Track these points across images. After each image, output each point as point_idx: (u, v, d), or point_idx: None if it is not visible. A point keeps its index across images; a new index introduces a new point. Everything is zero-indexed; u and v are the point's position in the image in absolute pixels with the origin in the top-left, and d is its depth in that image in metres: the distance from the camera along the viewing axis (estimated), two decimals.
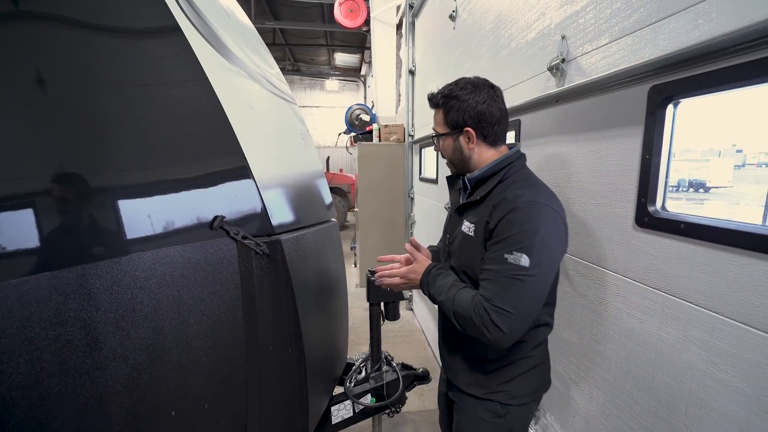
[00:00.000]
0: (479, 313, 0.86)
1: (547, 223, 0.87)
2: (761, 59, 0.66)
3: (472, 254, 0.98)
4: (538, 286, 0.87)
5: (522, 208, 0.87)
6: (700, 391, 0.79)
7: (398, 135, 4.32)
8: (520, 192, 0.90)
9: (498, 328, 0.84)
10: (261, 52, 1.44)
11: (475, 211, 0.99)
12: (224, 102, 0.99)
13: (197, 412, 0.92)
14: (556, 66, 1.24)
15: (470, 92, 0.96)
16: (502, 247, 0.87)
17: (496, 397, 1.03)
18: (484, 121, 0.96)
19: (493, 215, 0.91)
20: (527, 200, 0.88)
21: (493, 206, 0.92)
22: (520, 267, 0.84)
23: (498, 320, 0.84)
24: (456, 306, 0.92)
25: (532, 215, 0.86)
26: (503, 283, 0.85)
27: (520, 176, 0.98)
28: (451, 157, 1.05)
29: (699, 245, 0.78)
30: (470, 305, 0.88)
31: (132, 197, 0.79)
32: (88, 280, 0.71)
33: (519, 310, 0.84)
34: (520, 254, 0.84)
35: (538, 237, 0.84)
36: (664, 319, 0.87)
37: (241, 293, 1.00)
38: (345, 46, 10.74)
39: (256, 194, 1.04)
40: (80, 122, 0.73)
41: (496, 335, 0.84)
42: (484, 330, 0.85)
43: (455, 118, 0.98)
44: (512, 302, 0.84)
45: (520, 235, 0.85)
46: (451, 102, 0.98)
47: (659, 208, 0.89)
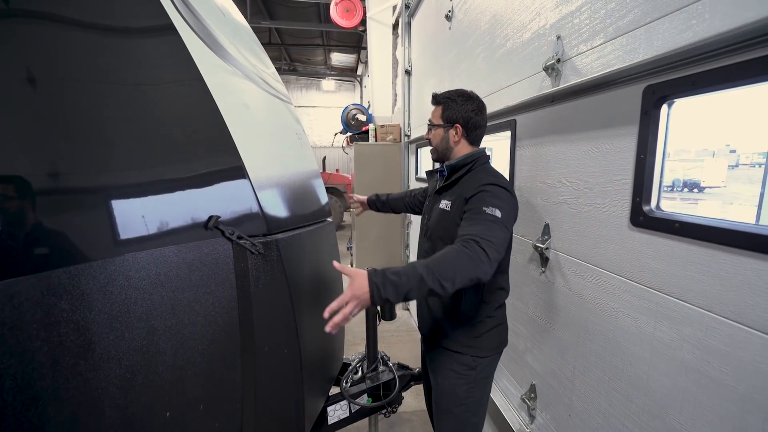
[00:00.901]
0: (472, 248, 0.98)
1: (505, 195, 1.14)
2: (754, 59, 0.66)
3: (448, 224, 1.23)
4: (505, 234, 1.07)
5: (488, 188, 1.14)
6: (695, 389, 0.79)
7: (395, 135, 4.32)
8: (485, 177, 1.18)
9: (487, 255, 0.98)
10: (257, 52, 1.43)
11: (451, 192, 1.27)
12: (219, 101, 0.99)
13: (192, 413, 0.91)
14: (551, 66, 1.25)
15: (465, 100, 1.25)
16: (480, 205, 1.09)
17: (467, 351, 1.27)
18: (471, 124, 1.25)
19: (466, 192, 1.17)
20: (490, 182, 1.16)
21: (464, 187, 1.20)
22: (496, 216, 1.07)
23: (488, 249, 0.99)
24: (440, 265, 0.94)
25: (497, 190, 1.14)
26: (485, 224, 1.05)
27: (485, 168, 1.26)
28: (438, 144, 1.32)
29: (693, 244, 0.78)
30: (455, 250, 0.98)
31: (126, 197, 0.79)
32: (81, 281, 0.70)
33: (497, 244, 1.01)
34: (494, 209, 1.07)
35: (503, 203, 1.10)
36: (659, 318, 0.87)
37: (236, 293, 0.99)
38: (341, 46, 10.72)
39: (251, 194, 1.03)
40: (73, 122, 0.72)
41: (486, 262, 0.97)
42: (477, 261, 0.96)
43: (450, 115, 1.26)
44: (493, 236, 1.02)
45: (491, 199, 1.10)
46: (450, 102, 1.27)
47: (654, 207, 0.89)
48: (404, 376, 1.64)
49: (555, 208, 1.31)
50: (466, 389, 1.28)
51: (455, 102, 1.25)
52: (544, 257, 1.38)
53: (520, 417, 1.63)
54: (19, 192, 0.64)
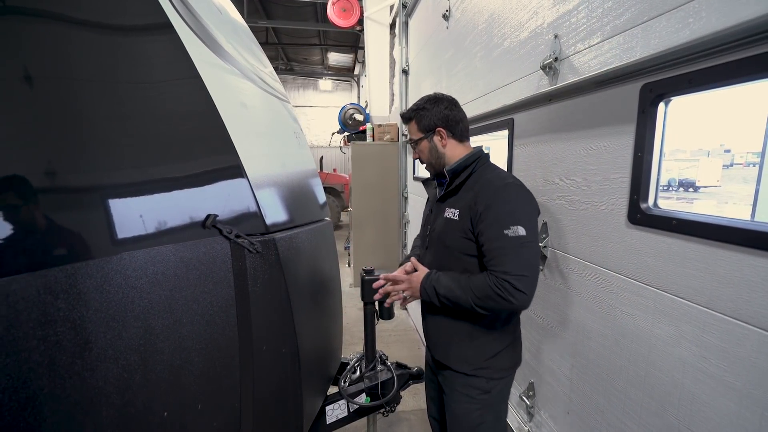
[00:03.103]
0: (502, 287, 0.98)
1: (521, 196, 1.06)
2: (750, 57, 0.67)
3: (455, 234, 1.14)
4: (535, 249, 1.03)
5: (499, 191, 1.05)
6: (692, 385, 0.80)
7: (392, 134, 4.32)
8: (495, 179, 1.10)
9: (522, 292, 0.96)
10: (254, 51, 1.43)
11: (456, 198, 1.18)
12: (217, 100, 0.98)
13: (190, 412, 0.91)
14: (548, 65, 1.25)
15: (434, 103, 1.20)
16: (498, 226, 1.01)
17: (481, 373, 1.17)
18: (451, 121, 1.19)
19: (479, 200, 1.07)
20: (502, 183, 1.07)
21: (475, 192, 1.09)
22: (521, 237, 0.99)
23: (520, 285, 0.97)
24: (473, 292, 1.04)
25: (510, 194, 1.05)
26: (513, 254, 0.99)
27: (487, 167, 1.18)
28: (429, 157, 1.24)
29: (690, 241, 0.78)
30: (487, 284, 1.00)
31: (123, 196, 0.78)
32: (78, 280, 0.70)
33: (531, 270, 0.99)
34: (516, 227, 0.99)
35: (522, 210, 1.03)
36: (657, 315, 0.87)
37: (234, 292, 0.99)
38: (338, 45, 10.71)
39: (249, 193, 1.03)
40: (69, 120, 0.72)
41: (521, 298, 0.97)
42: (510, 299, 0.97)
43: (426, 123, 1.20)
44: (525, 266, 0.98)
45: (510, 212, 1.02)
46: (421, 113, 1.21)
47: (651, 204, 0.90)
48: (402, 375, 1.63)
49: (553, 206, 1.31)
50: (479, 414, 1.19)
51: (425, 110, 1.20)
52: (542, 255, 1.38)
53: (519, 415, 1.64)
54: (15, 190, 0.64)
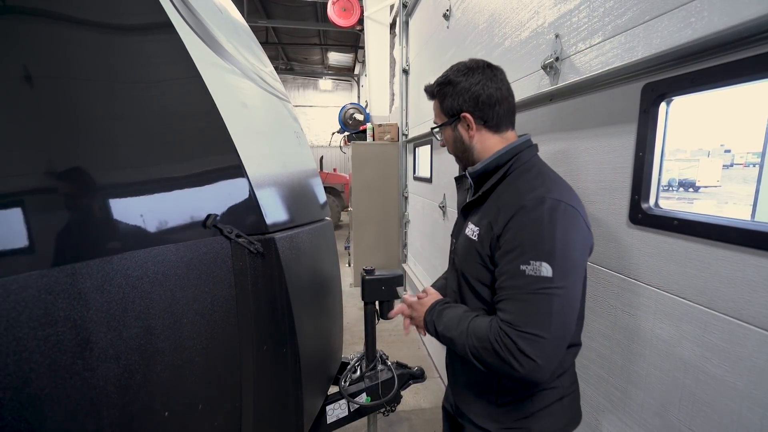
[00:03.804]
0: (502, 343, 0.71)
1: (564, 222, 0.73)
2: (753, 57, 0.67)
3: (472, 258, 0.86)
4: (567, 300, 0.71)
5: (531, 207, 0.74)
6: (693, 386, 0.79)
7: (392, 134, 4.32)
8: (528, 187, 0.78)
9: (529, 358, 0.68)
10: (254, 50, 1.43)
11: (480, 210, 0.88)
12: (217, 100, 0.98)
13: (191, 412, 0.91)
14: (549, 64, 1.25)
15: (464, 75, 0.89)
16: (516, 257, 0.73)
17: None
18: (482, 104, 0.87)
19: (499, 218, 0.78)
20: (537, 196, 0.75)
21: (498, 206, 0.81)
22: (543, 279, 0.70)
23: (527, 348, 0.68)
24: (471, 339, 0.78)
25: (545, 214, 0.72)
26: (525, 302, 0.70)
27: (527, 168, 0.85)
28: (454, 149, 0.96)
29: (692, 241, 0.78)
30: (488, 334, 0.74)
31: (124, 195, 0.78)
32: (78, 279, 0.70)
33: (551, 331, 0.69)
34: (539, 263, 0.70)
35: (557, 240, 0.71)
36: (658, 315, 0.87)
37: (234, 292, 0.99)
38: (338, 45, 10.70)
39: (249, 192, 1.03)
40: (69, 119, 0.72)
41: (528, 367, 0.69)
42: (512, 362, 0.70)
43: (450, 105, 0.90)
44: (541, 323, 0.69)
45: (535, 239, 0.71)
46: (445, 89, 0.91)
47: (653, 204, 0.89)
48: (403, 375, 1.64)
49: None
50: None
51: (452, 85, 0.90)
52: None
53: None
54: (16, 190, 0.64)
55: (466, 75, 0.89)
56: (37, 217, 0.66)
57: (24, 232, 0.64)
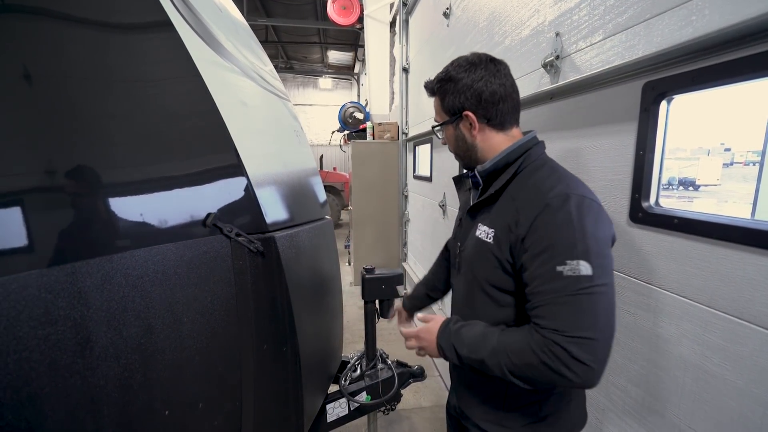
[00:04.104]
0: (551, 353, 0.66)
1: (592, 217, 0.71)
2: (754, 55, 0.66)
3: (487, 262, 0.82)
4: (609, 296, 0.68)
5: (557, 205, 0.71)
6: (694, 384, 0.80)
7: (392, 133, 4.31)
8: (547, 184, 0.75)
9: (583, 363, 0.64)
10: (254, 49, 1.42)
11: (492, 211, 0.84)
12: (217, 98, 0.98)
13: (191, 411, 0.91)
14: (550, 63, 1.25)
15: (465, 70, 0.85)
16: (549, 258, 0.69)
17: None
18: (485, 101, 0.83)
19: (521, 219, 0.75)
20: (560, 193, 0.72)
21: (516, 206, 0.77)
22: (584, 278, 0.66)
23: (580, 353, 0.64)
24: (505, 356, 0.72)
25: (573, 212, 0.70)
26: (569, 305, 0.66)
27: (539, 165, 0.82)
28: (456, 148, 0.93)
29: (692, 240, 0.78)
30: (531, 347, 0.69)
31: (123, 194, 0.78)
32: (78, 279, 0.70)
33: (600, 331, 0.66)
34: (576, 262, 0.67)
35: (589, 236, 0.68)
36: (658, 313, 0.87)
37: (234, 291, 0.99)
38: (338, 43, 10.69)
39: (249, 191, 1.03)
40: (69, 119, 0.71)
41: (583, 374, 0.65)
42: (564, 372, 0.66)
43: (452, 103, 0.87)
44: (590, 325, 0.65)
45: (569, 239, 0.68)
46: (446, 85, 0.87)
47: (653, 203, 0.89)
48: (403, 373, 1.64)
49: None
50: None
51: (453, 81, 0.86)
52: None
53: None
54: (15, 189, 0.63)
55: (468, 71, 0.85)
56: (37, 216, 0.65)
57: (24, 231, 0.64)
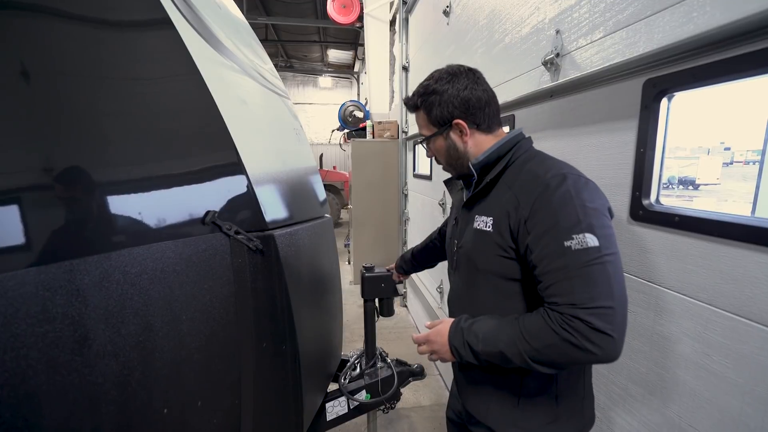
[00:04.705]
0: (572, 329, 0.66)
1: (590, 192, 0.74)
2: (755, 52, 0.66)
3: (489, 251, 0.83)
4: (618, 264, 0.70)
5: (555, 185, 0.74)
6: (694, 382, 0.79)
7: (392, 132, 4.31)
8: (541, 169, 0.78)
9: (605, 334, 0.65)
10: (254, 47, 1.42)
11: (488, 201, 0.87)
12: (216, 96, 0.97)
13: (190, 409, 0.90)
14: (550, 61, 1.24)
15: (448, 82, 0.88)
16: (555, 235, 0.71)
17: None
18: (472, 107, 0.87)
19: (521, 203, 0.77)
20: (556, 174, 0.75)
21: (513, 193, 0.80)
22: (591, 249, 0.68)
23: (601, 324, 0.65)
24: (525, 343, 0.72)
25: (570, 188, 0.73)
26: (582, 277, 0.67)
27: (530, 156, 0.85)
28: (447, 158, 0.95)
29: (693, 238, 0.78)
30: (550, 326, 0.69)
31: (121, 192, 0.78)
32: (76, 276, 0.69)
33: (617, 299, 0.66)
34: (582, 235, 0.68)
35: (590, 210, 0.70)
36: (659, 311, 0.87)
37: (234, 289, 0.98)
38: (338, 42, 10.68)
39: (248, 189, 1.02)
40: (67, 116, 0.71)
41: (606, 345, 0.65)
42: (587, 346, 0.65)
43: (440, 114, 0.89)
44: (606, 294, 0.66)
45: (571, 214, 0.70)
46: (430, 98, 0.90)
47: (653, 201, 0.89)
48: (403, 372, 1.63)
49: None
50: None
51: (437, 94, 0.89)
52: None
53: None
54: (12, 186, 0.63)
55: (450, 82, 0.88)
56: (34, 213, 0.65)
57: (21, 229, 0.63)
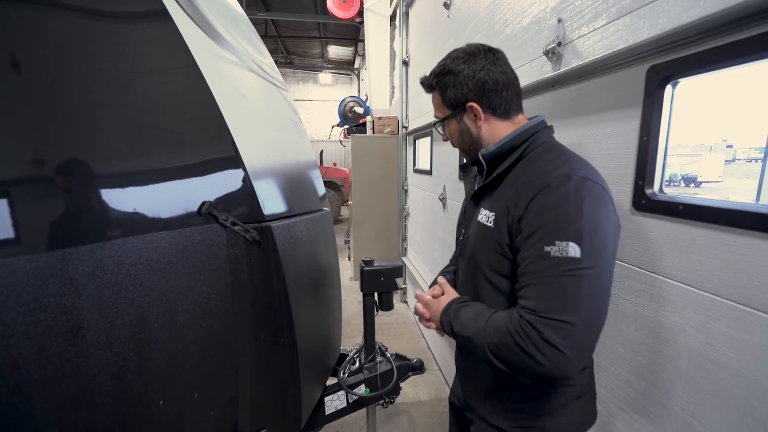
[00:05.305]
0: (524, 333, 0.64)
1: (591, 199, 0.67)
2: (763, 34, 0.64)
3: (487, 247, 0.80)
4: (599, 282, 0.65)
5: (556, 185, 0.68)
6: (698, 374, 0.78)
7: (392, 127, 4.29)
8: (550, 166, 0.73)
9: (555, 348, 0.62)
10: (251, 39, 1.40)
11: (494, 195, 0.83)
12: (214, 88, 0.96)
13: (186, 401, 0.89)
14: (552, 50, 1.22)
15: (464, 62, 0.84)
16: (539, 238, 0.67)
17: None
18: (488, 91, 0.82)
19: (519, 200, 0.73)
20: (561, 174, 0.69)
21: (517, 188, 0.75)
22: (570, 259, 0.64)
23: (553, 337, 0.62)
24: (489, 335, 0.72)
25: (570, 192, 0.67)
26: (550, 285, 0.64)
27: (546, 149, 0.79)
28: (460, 142, 0.91)
29: (697, 227, 0.76)
30: (507, 327, 0.68)
31: (116, 182, 0.77)
32: (68, 265, 0.68)
33: (581, 318, 0.63)
34: (565, 243, 0.64)
35: (585, 218, 0.65)
36: (661, 302, 0.86)
37: (230, 281, 0.97)
38: (338, 38, 10.63)
39: (246, 181, 1.01)
40: (62, 108, 0.70)
41: (554, 360, 0.63)
42: (535, 355, 0.63)
43: (454, 96, 0.85)
44: (569, 309, 0.63)
45: (561, 219, 0.66)
46: (446, 79, 0.86)
47: (657, 190, 0.87)
48: (402, 366, 1.63)
49: None
50: None
51: (453, 74, 0.85)
52: None
53: None
54: (6, 175, 0.62)
55: (467, 62, 0.83)
56: (26, 202, 0.64)
57: (12, 217, 0.62)
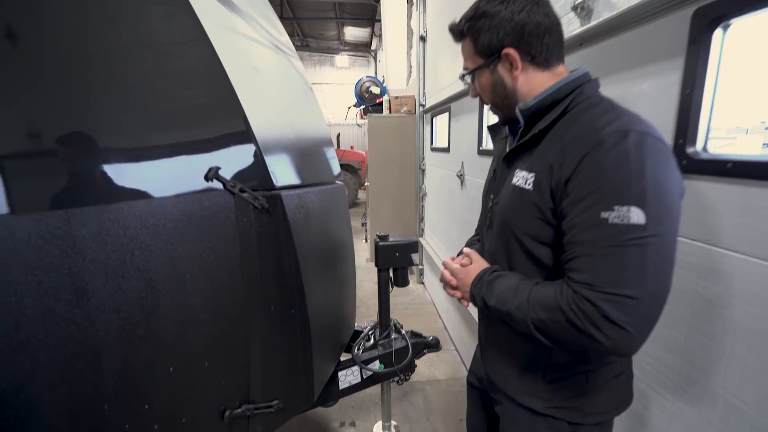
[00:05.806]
0: (580, 311, 0.59)
1: (654, 157, 0.58)
2: None
3: (525, 212, 0.71)
4: (665, 251, 0.58)
5: (612, 142, 0.59)
6: (743, 351, 0.71)
7: (409, 106, 4.18)
8: (601, 121, 0.63)
9: (617, 326, 0.56)
10: (265, 12, 1.35)
11: (533, 155, 0.72)
12: (224, 59, 0.93)
13: (197, 369, 0.88)
14: (581, 5, 1.12)
15: (501, 2, 0.71)
16: (594, 203, 0.59)
17: (562, 414, 0.77)
18: (528, 35, 0.70)
19: (566, 159, 0.63)
20: (618, 129, 0.60)
21: (562, 145, 0.65)
22: (633, 226, 0.56)
23: (615, 314, 0.56)
24: (534, 311, 0.66)
25: (630, 149, 0.58)
26: (610, 257, 0.57)
27: (594, 102, 0.69)
28: (493, 96, 0.79)
29: (751, 186, 0.68)
30: (559, 303, 0.62)
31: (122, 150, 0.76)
32: (72, 226, 0.66)
33: (646, 292, 0.56)
34: (626, 208, 0.56)
35: (648, 179, 0.56)
36: (703, 272, 0.78)
37: (239, 250, 0.94)
38: (355, 18, 10.43)
39: (254, 148, 0.97)
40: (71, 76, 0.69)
41: (616, 338, 0.57)
42: (593, 333, 0.58)
43: (488, 42, 0.73)
44: (633, 281, 0.56)
45: (620, 180, 0.57)
46: (479, 23, 0.73)
47: (700, 149, 0.79)
48: (417, 344, 1.59)
49: None
50: None
51: (487, 17, 0.72)
52: None
53: None
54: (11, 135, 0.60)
55: (505, 2, 0.71)
56: (29, 161, 0.63)
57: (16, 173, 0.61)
